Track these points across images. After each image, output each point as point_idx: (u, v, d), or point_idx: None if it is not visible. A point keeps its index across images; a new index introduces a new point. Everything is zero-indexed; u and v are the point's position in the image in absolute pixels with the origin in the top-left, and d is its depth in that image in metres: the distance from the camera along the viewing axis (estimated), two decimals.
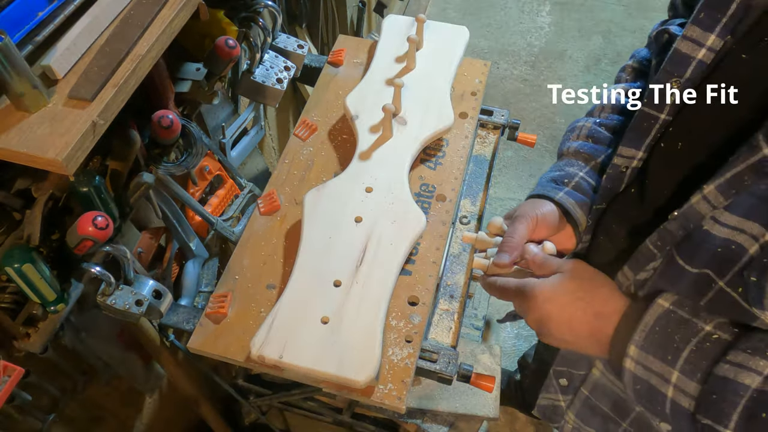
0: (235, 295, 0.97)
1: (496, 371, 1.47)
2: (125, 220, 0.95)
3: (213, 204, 1.23)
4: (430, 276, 0.97)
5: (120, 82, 0.73)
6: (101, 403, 1.16)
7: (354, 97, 1.14)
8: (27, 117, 0.70)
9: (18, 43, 0.71)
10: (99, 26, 0.79)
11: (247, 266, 1.01)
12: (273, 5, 1.19)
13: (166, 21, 0.80)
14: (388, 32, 1.26)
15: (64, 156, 0.66)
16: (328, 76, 1.28)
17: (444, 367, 0.93)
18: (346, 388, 0.86)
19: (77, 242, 0.81)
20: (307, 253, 0.95)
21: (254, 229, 1.06)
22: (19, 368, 0.83)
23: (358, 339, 0.86)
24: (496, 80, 3.01)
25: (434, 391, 1.40)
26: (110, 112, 0.73)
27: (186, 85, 1.02)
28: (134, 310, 0.90)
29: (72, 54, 0.75)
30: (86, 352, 1.01)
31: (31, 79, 0.68)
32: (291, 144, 1.17)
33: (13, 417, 0.90)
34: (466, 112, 1.19)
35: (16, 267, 0.75)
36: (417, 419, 1.40)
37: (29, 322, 0.84)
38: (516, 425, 1.90)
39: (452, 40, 1.23)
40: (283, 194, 1.10)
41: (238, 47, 1.03)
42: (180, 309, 1.01)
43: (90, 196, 0.84)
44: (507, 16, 3.26)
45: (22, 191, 0.81)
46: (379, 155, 1.06)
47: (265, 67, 1.24)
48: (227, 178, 1.27)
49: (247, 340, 0.89)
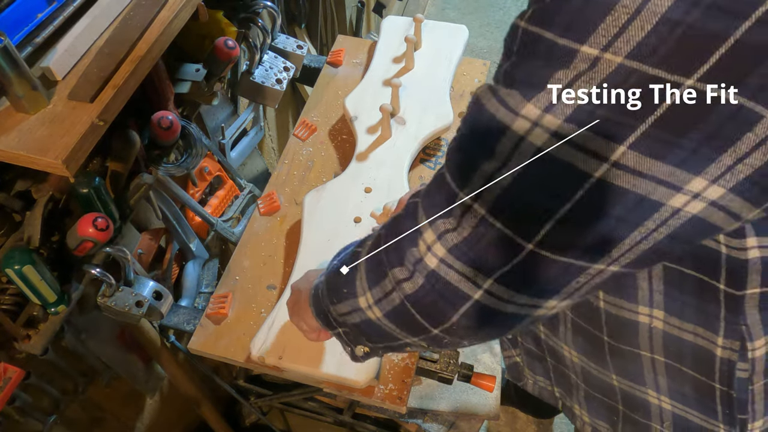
0: (236, 295, 0.97)
1: (497, 371, 1.47)
2: (125, 222, 0.95)
3: (213, 205, 1.23)
4: None
5: (120, 84, 0.73)
6: (102, 404, 1.16)
7: (353, 98, 1.15)
8: (27, 118, 0.70)
9: (18, 44, 0.71)
10: (98, 27, 0.78)
11: (247, 267, 1.01)
12: (272, 6, 1.19)
13: (166, 22, 0.80)
14: (387, 33, 1.26)
15: (64, 157, 0.66)
16: (328, 76, 1.28)
17: (444, 366, 0.93)
18: (346, 389, 0.87)
19: (77, 244, 0.81)
20: (307, 253, 0.95)
21: (254, 229, 1.06)
22: (20, 370, 0.83)
23: None
24: None
25: (435, 390, 1.40)
26: (110, 113, 0.73)
27: (185, 86, 1.02)
28: (134, 311, 0.90)
29: (71, 55, 0.75)
30: (87, 354, 1.01)
31: (31, 80, 0.68)
32: (291, 144, 1.17)
33: (14, 418, 0.90)
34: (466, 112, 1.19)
35: (17, 269, 0.75)
36: (418, 419, 1.40)
37: (30, 323, 0.84)
38: (516, 425, 1.90)
39: (451, 40, 1.23)
40: (283, 195, 1.10)
41: (237, 48, 1.03)
42: (180, 310, 1.01)
43: (90, 198, 0.84)
44: (506, 16, 3.26)
45: (22, 193, 0.81)
46: (378, 155, 1.07)
47: (264, 67, 1.24)
48: (227, 179, 1.27)
49: (247, 341, 0.89)
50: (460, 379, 0.95)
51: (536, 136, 0.42)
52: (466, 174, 0.47)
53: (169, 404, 1.39)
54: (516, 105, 0.43)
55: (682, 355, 0.64)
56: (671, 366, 0.66)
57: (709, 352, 0.61)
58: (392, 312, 0.56)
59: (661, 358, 0.66)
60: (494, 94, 0.45)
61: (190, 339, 0.94)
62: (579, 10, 0.40)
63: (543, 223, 0.44)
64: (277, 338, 0.86)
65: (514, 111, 0.43)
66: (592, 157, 0.41)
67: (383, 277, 0.55)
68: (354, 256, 0.61)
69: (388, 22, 1.28)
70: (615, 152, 0.41)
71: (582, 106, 0.41)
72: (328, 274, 0.66)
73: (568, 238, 0.44)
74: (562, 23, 0.41)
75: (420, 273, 0.51)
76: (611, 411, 0.80)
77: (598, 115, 0.40)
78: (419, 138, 1.08)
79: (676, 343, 0.63)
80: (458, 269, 0.49)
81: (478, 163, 0.46)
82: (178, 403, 1.38)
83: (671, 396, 0.70)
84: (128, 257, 0.90)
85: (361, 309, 0.59)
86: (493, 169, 0.45)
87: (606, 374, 0.75)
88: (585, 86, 0.41)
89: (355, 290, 0.60)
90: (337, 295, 0.63)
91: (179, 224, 1.14)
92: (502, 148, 0.44)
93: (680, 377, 0.66)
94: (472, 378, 0.95)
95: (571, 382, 0.84)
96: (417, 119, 1.11)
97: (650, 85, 0.38)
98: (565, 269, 0.46)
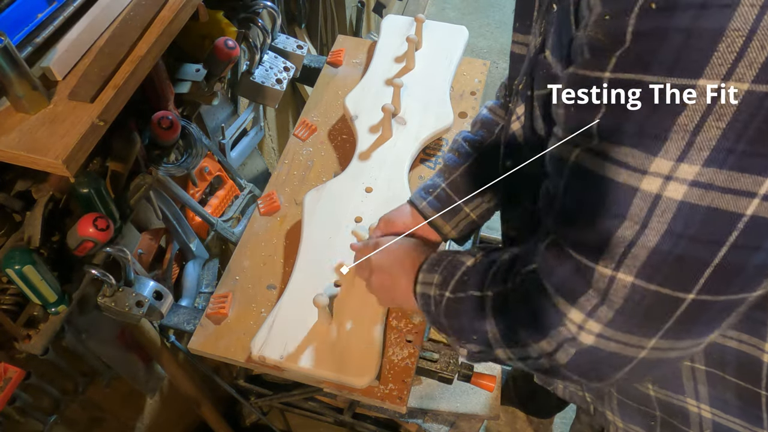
0: (236, 295, 0.97)
1: (497, 370, 1.47)
2: (125, 222, 0.95)
3: (213, 205, 1.24)
4: None
5: (120, 84, 0.73)
6: (102, 404, 1.16)
7: (353, 98, 1.14)
8: (27, 119, 0.70)
9: (18, 44, 0.71)
10: (98, 27, 0.78)
11: (247, 267, 1.01)
12: (272, 6, 1.19)
13: (166, 22, 0.80)
14: (387, 32, 1.26)
15: (65, 157, 0.66)
16: (328, 76, 1.28)
17: (444, 366, 0.93)
18: (347, 388, 0.87)
19: (78, 244, 0.81)
20: (307, 253, 0.95)
21: (254, 229, 1.06)
22: (20, 370, 0.83)
23: (359, 339, 0.86)
24: (495, 80, 3.01)
25: (435, 390, 1.40)
26: (110, 113, 0.73)
27: (186, 86, 1.02)
28: (135, 311, 0.90)
29: (71, 55, 0.75)
30: (87, 354, 1.00)
31: (31, 80, 0.68)
32: (291, 144, 1.17)
33: (15, 419, 0.90)
34: (466, 112, 1.19)
35: (17, 269, 0.75)
36: (418, 419, 1.40)
37: (30, 323, 0.84)
38: (517, 425, 1.90)
39: (451, 40, 1.23)
40: (283, 195, 1.10)
41: (237, 48, 1.03)
42: (180, 310, 1.01)
43: (90, 198, 0.84)
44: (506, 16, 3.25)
45: (23, 193, 0.81)
46: (378, 155, 1.07)
47: (264, 67, 1.24)
48: (227, 179, 1.27)
49: (247, 341, 0.89)
50: (460, 378, 0.95)
51: (674, 189, 0.41)
52: (598, 246, 0.46)
53: (169, 404, 1.39)
54: (641, 163, 0.41)
55: (724, 363, 0.62)
56: (712, 374, 0.64)
57: (754, 358, 0.60)
58: (541, 370, 0.57)
59: (701, 366, 0.64)
60: (604, 158, 0.43)
61: (191, 339, 0.94)
62: (684, 44, 0.38)
63: (702, 272, 0.43)
64: (278, 338, 0.86)
65: (640, 170, 0.42)
66: (741, 195, 0.40)
67: (524, 347, 0.56)
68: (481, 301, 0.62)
69: (388, 22, 1.28)
70: (763, 185, 0.39)
71: (718, 145, 0.39)
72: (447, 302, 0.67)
73: (727, 278, 0.44)
74: (665, 62, 0.39)
75: (572, 347, 0.52)
76: (647, 417, 0.78)
77: (738, 151, 0.38)
78: (420, 138, 1.08)
79: (719, 350, 0.61)
80: (620, 339, 0.49)
81: (611, 231, 0.45)
82: (179, 403, 1.38)
83: (711, 404, 0.68)
84: (128, 257, 0.90)
85: (499, 358, 0.61)
86: (633, 234, 0.44)
87: (643, 385, 0.73)
88: (715, 123, 0.39)
89: (487, 339, 0.61)
90: (462, 334, 0.65)
91: (179, 224, 1.14)
92: (637, 210, 0.43)
93: (722, 385, 0.65)
94: (472, 378, 0.95)
95: (603, 390, 0.82)
96: (418, 119, 1.11)
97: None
98: (725, 307, 0.46)
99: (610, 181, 0.43)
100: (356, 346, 0.85)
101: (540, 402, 1.80)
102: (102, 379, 1.08)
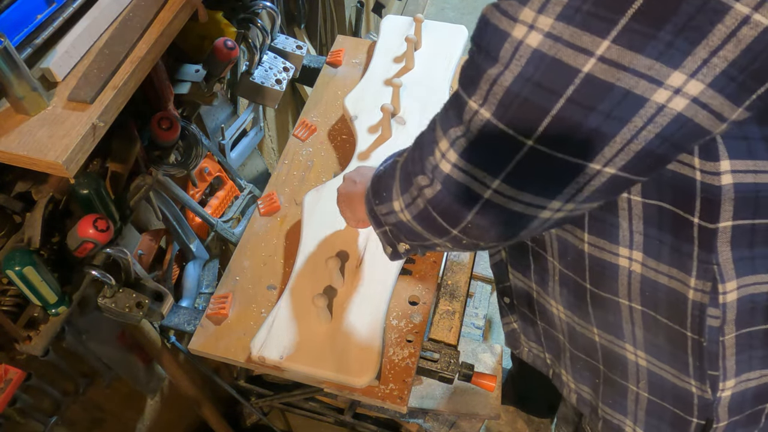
0: (236, 296, 0.97)
1: (497, 370, 1.47)
2: (126, 223, 0.95)
3: (213, 205, 1.24)
4: (431, 275, 0.98)
5: (119, 84, 0.73)
6: (103, 405, 1.16)
7: (353, 98, 1.15)
8: (27, 120, 0.70)
9: (17, 45, 0.71)
10: (98, 28, 0.78)
11: (247, 267, 1.01)
12: (271, 6, 1.19)
13: (165, 23, 0.80)
14: (387, 32, 1.26)
15: (65, 158, 0.66)
16: (327, 76, 1.28)
17: (445, 366, 0.93)
18: (347, 388, 0.87)
19: (78, 245, 0.81)
20: (307, 253, 0.96)
21: (254, 230, 1.06)
22: (21, 371, 0.83)
23: (359, 339, 0.86)
24: None
25: (435, 390, 1.40)
26: (110, 114, 0.73)
27: (185, 87, 1.02)
28: (135, 312, 0.90)
29: (71, 56, 0.75)
30: (87, 355, 1.01)
31: (31, 81, 0.68)
32: (290, 145, 1.17)
33: (15, 420, 0.90)
34: None
35: (17, 270, 0.75)
36: (418, 419, 1.40)
37: (30, 324, 0.84)
38: (517, 424, 1.90)
39: (451, 40, 1.23)
40: (283, 195, 1.10)
41: (237, 48, 1.03)
42: (181, 310, 1.01)
43: (90, 199, 0.84)
44: None
45: (23, 194, 0.81)
46: (378, 155, 1.07)
47: (264, 68, 1.24)
48: (227, 180, 1.27)
49: (247, 341, 0.90)
50: (460, 378, 0.95)
51: (533, 37, 0.45)
52: (474, 82, 0.50)
53: (169, 405, 1.39)
54: (515, 12, 0.46)
55: (657, 301, 0.66)
56: (647, 315, 0.68)
57: (681, 296, 0.63)
58: (418, 215, 0.61)
59: (638, 306, 0.68)
60: (497, 8, 0.48)
61: (191, 339, 0.94)
62: None
63: (540, 119, 0.47)
64: (278, 338, 0.86)
65: (513, 17, 0.46)
66: (581, 52, 0.44)
67: (410, 185, 0.61)
68: (393, 164, 0.68)
69: (388, 22, 1.28)
70: (600, 47, 0.43)
71: (569, 3, 0.43)
72: (374, 177, 0.73)
73: (563, 133, 0.47)
74: None
75: (437, 179, 0.55)
76: (594, 373, 0.83)
77: (584, 10, 0.43)
78: None
79: (652, 287, 0.65)
80: (469, 171, 0.52)
81: (483, 69, 0.49)
82: (179, 403, 1.38)
83: (647, 350, 0.72)
84: (129, 258, 0.90)
85: (396, 212, 0.66)
86: (497, 73, 0.48)
87: (588, 329, 0.77)
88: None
89: (391, 195, 0.66)
90: (379, 197, 0.70)
91: (179, 225, 1.14)
92: (505, 53, 0.47)
93: (655, 327, 0.68)
94: (472, 377, 0.95)
95: (559, 345, 0.87)
96: (417, 119, 1.11)
97: None
98: (563, 168, 0.49)
99: (494, 27, 0.48)
100: (356, 346, 0.85)
101: (540, 402, 1.80)
102: (102, 380, 1.08)
